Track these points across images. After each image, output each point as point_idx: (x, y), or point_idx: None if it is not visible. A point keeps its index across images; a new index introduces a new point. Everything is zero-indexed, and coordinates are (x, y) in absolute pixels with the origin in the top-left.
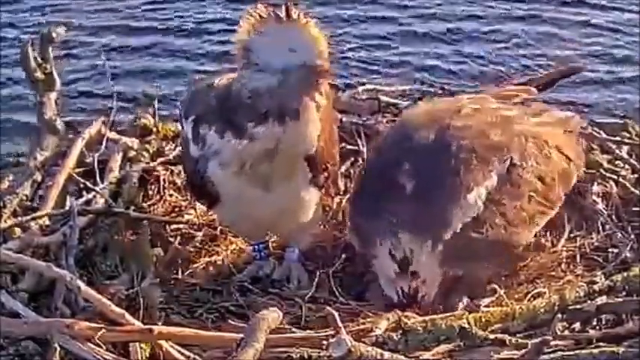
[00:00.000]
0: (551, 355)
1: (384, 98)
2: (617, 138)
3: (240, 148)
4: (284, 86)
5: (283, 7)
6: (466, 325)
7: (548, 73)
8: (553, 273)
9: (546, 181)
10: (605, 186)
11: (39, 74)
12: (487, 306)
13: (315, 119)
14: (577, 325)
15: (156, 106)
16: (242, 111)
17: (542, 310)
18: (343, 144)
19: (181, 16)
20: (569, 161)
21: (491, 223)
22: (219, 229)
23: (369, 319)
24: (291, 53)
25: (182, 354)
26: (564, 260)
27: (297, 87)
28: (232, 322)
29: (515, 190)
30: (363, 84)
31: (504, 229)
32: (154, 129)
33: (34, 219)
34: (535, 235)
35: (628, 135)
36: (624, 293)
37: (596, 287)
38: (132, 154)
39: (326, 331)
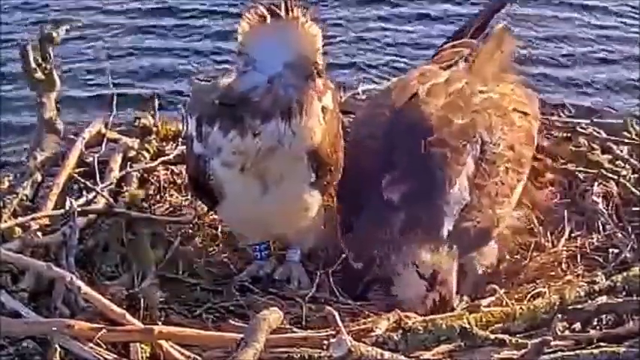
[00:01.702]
0: (552, 356)
1: None
2: (618, 138)
3: (243, 145)
4: (284, 83)
5: (282, 5)
6: (466, 325)
7: (479, 16)
8: (553, 273)
9: (516, 148)
10: (606, 186)
11: (39, 74)
12: (487, 306)
13: (318, 115)
14: (577, 325)
15: (156, 105)
16: (244, 108)
17: (542, 310)
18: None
19: (182, 15)
20: (528, 117)
21: (480, 207)
22: (219, 229)
23: (369, 319)
24: (291, 50)
25: (182, 354)
26: (564, 260)
27: (297, 83)
28: (232, 322)
29: (492, 167)
30: (363, 84)
31: (491, 208)
32: (154, 129)
33: (34, 219)
34: (535, 235)
35: (628, 135)
36: (624, 293)
37: (596, 287)
38: (132, 154)
39: (326, 331)
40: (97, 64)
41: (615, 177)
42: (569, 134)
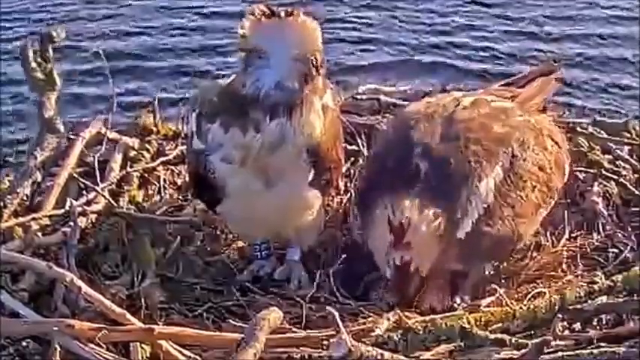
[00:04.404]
0: (552, 355)
1: (384, 98)
2: (618, 138)
3: (244, 141)
4: (287, 80)
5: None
6: (466, 325)
7: (527, 74)
8: (553, 273)
9: (546, 170)
10: (606, 186)
11: (39, 74)
12: (487, 306)
13: (319, 112)
14: (577, 325)
15: (156, 105)
16: (246, 105)
17: (542, 310)
18: (344, 144)
19: (182, 15)
20: (560, 149)
21: (501, 215)
22: (219, 228)
23: (369, 319)
24: (296, 46)
25: (182, 354)
26: (564, 260)
27: (299, 80)
28: (233, 322)
29: (519, 180)
30: (364, 84)
31: (512, 221)
32: (154, 129)
33: (34, 219)
34: (535, 235)
35: (629, 135)
36: (624, 293)
37: (596, 287)
38: (132, 154)
39: (326, 331)
40: (97, 64)
41: (615, 177)
42: (569, 134)
